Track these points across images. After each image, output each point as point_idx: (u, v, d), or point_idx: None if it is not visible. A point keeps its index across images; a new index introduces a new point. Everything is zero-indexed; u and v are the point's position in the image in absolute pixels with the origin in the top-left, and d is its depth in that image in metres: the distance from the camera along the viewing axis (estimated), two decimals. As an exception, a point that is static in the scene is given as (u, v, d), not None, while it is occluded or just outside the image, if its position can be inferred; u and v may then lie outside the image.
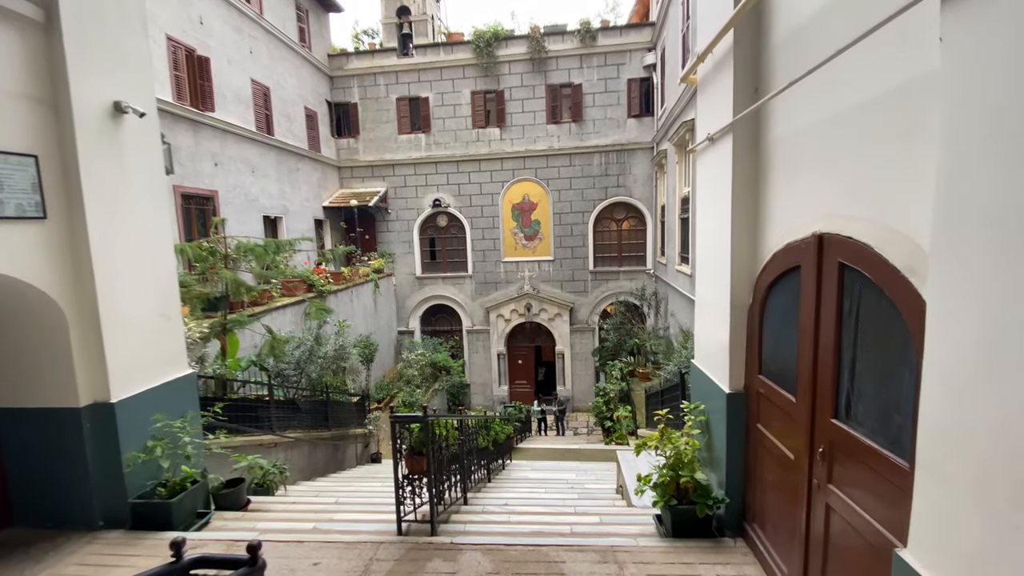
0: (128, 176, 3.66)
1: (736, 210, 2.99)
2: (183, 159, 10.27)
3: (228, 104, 11.77)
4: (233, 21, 12.07)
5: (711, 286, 3.42)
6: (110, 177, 3.49)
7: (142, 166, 3.79)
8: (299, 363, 6.96)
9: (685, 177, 11.45)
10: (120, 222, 3.55)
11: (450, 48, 16.55)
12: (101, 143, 3.43)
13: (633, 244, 16.54)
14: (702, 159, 3.58)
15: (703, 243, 3.59)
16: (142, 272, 3.75)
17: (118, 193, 3.57)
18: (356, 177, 17.34)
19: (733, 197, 2.98)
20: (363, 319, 13.26)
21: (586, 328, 16.74)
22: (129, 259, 3.62)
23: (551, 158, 16.36)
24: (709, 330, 3.50)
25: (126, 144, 3.67)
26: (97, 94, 3.42)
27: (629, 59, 15.77)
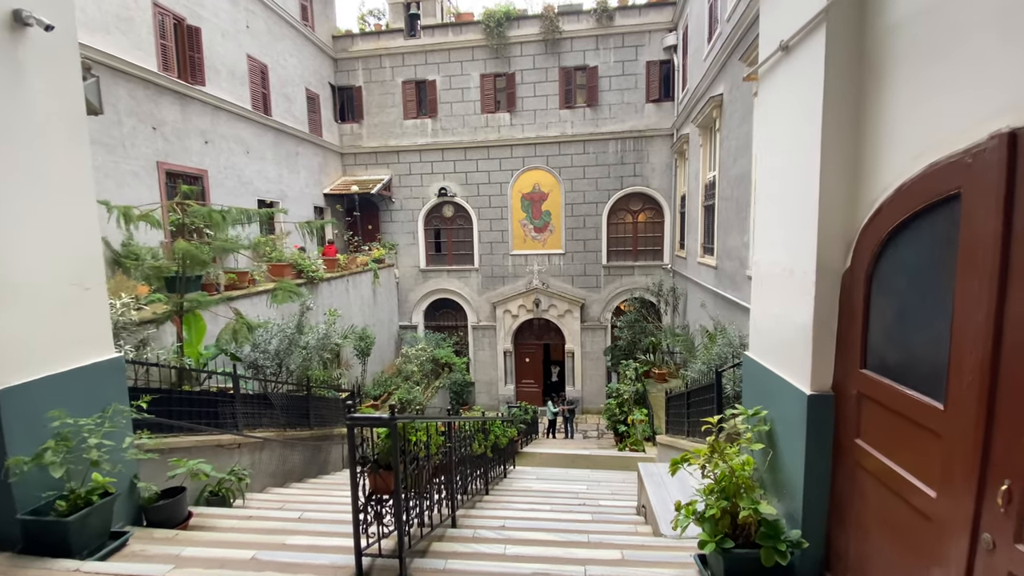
0: (27, 104, 2.87)
1: (828, 137, 2.10)
2: (168, 134, 9.59)
3: (221, 80, 11.07)
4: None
5: (780, 248, 2.53)
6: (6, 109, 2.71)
7: (50, 94, 3.00)
8: (277, 353, 6.17)
9: (711, 160, 10.51)
10: (9, 161, 2.76)
11: (459, 29, 15.74)
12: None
13: (650, 237, 15.59)
14: (768, 83, 2.69)
15: (767, 192, 2.70)
16: (45, 228, 2.96)
17: (9, 124, 2.77)
18: (359, 164, 16.61)
19: (824, 119, 2.10)
20: (360, 310, 12.48)
21: (598, 326, 15.82)
22: (23, 209, 2.83)
23: (564, 145, 15.47)
24: (776, 309, 2.61)
25: (27, 64, 2.88)
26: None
27: (648, 40, 14.84)
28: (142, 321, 4.63)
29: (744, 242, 7.67)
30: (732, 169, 8.47)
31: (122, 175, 8.49)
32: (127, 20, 8.69)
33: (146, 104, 9.08)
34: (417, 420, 2.81)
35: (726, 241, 8.88)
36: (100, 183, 7.96)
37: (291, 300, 5.53)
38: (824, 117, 2.10)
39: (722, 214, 9.18)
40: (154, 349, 4.74)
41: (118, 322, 4.06)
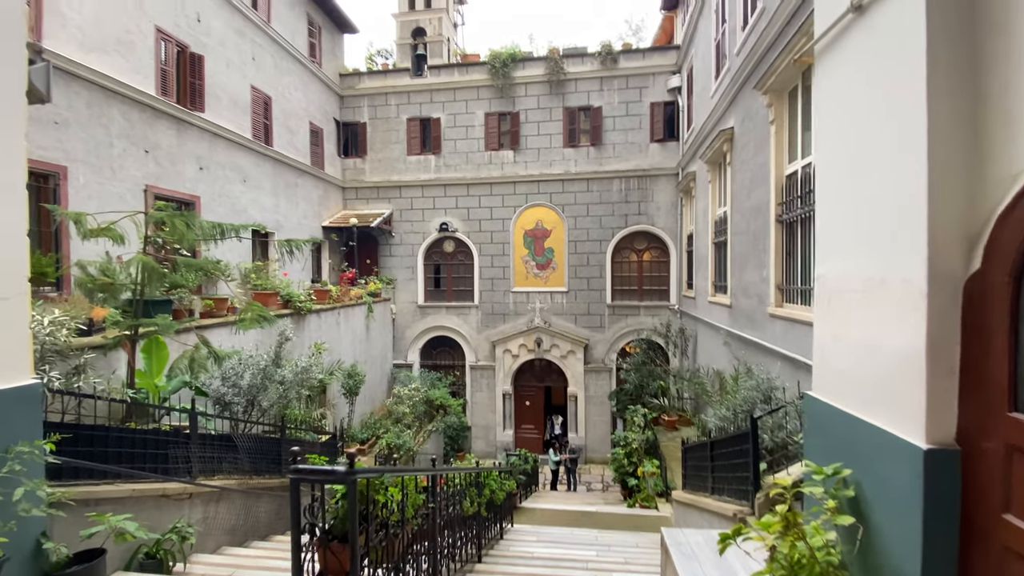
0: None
1: (937, 103, 1.59)
2: (161, 158, 9.28)
3: (222, 107, 10.92)
4: (236, 24, 11.41)
5: (861, 254, 1.97)
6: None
7: (-27, 68, 2.54)
8: (250, 388, 5.50)
9: (721, 196, 10.15)
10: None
11: (465, 69, 15.90)
12: None
13: (655, 277, 15.10)
14: (831, 58, 2.21)
15: (837, 188, 2.17)
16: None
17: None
18: (361, 198, 16.39)
19: (930, 80, 1.59)
20: (351, 345, 11.81)
21: (602, 368, 15.06)
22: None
23: (567, 183, 15.26)
24: (856, 333, 2.02)
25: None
26: None
27: (652, 82, 14.91)
28: (84, 346, 4.02)
29: (763, 277, 7.14)
30: (747, 202, 8.06)
31: (106, 197, 8.08)
32: (127, 44, 8.55)
33: (140, 127, 8.82)
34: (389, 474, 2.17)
35: (741, 277, 8.35)
36: (82, 204, 7.54)
37: (259, 326, 4.94)
38: (929, 78, 1.59)
39: (736, 249, 8.70)
40: (103, 378, 4.10)
41: (46, 344, 3.47)
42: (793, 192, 6.30)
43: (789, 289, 6.50)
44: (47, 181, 7.13)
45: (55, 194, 7.24)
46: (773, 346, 6.65)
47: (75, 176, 7.54)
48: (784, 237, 6.57)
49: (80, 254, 6.59)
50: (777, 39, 6.55)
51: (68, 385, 3.60)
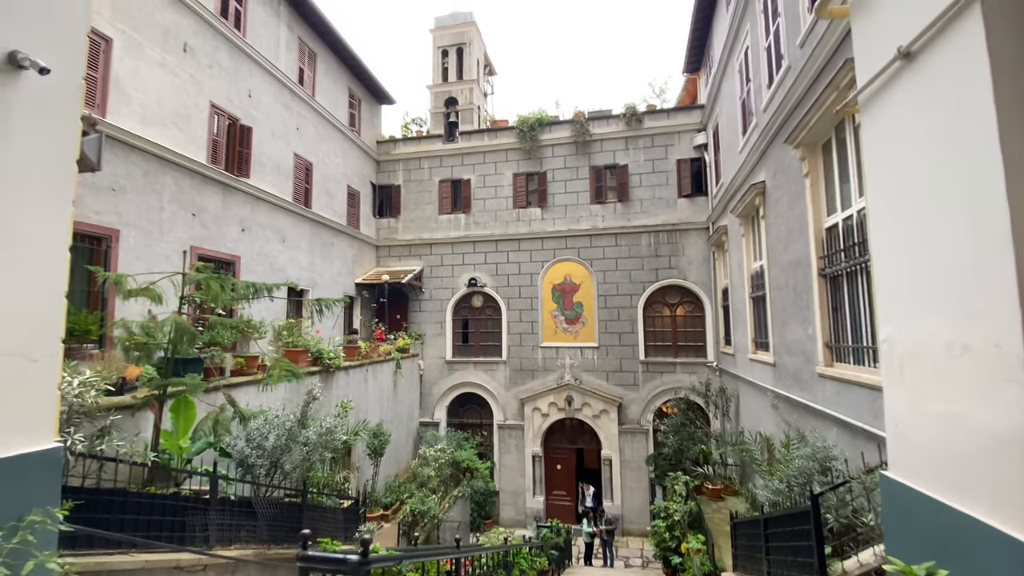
0: (7, 155, 2.55)
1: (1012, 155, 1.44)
2: (207, 220, 9.79)
3: (266, 173, 11.60)
4: (283, 99, 12.34)
5: (934, 315, 1.75)
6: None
7: (32, 141, 2.70)
8: (274, 450, 5.37)
9: (755, 249, 9.88)
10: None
11: (494, 134, 16.61)
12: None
13: (690, 332, 14.59)
14: (879, 107, 2.09)
15: (900, 243, 1.98)
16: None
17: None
18: (393, 256, 16.82)
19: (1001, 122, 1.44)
20: (377, 403, 11.65)
21: (638, 429, 14.31)
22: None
23: (595, 237, 15.30)
24: (938, 406, 1.75)
25: (15, 110, 2.62)
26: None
27: (678, 140, 15.14)
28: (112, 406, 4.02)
29: (809, 334, 6.72)
30: (784, 255, 7.78)
31: (153, 258, 8.49)
32: (185, 118, 9.29)
33: (190, 192, 9.39)
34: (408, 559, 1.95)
35: (784, 334, 7.92)
36: (130, 265, 7.92)
37: (287, 381, 4.88)
38: (1000, 120, 1.45)
39: (776, 304, 8.32)
40: (126, 440, 4.07)
41: (74, 405, 3.48)
42: (835, 245, 6.03)
43: (839, 347, 6.08)
44: (100, 243, 7.56)
45: (106, 255, 7.65)
46: (825, 409, 6.14)
47: (126, 238, 7.98)
48: (829, 292, 6.23)
49: (125, 313, 6.85)
50: (806, 94, 6.54)
51: (92, 447, 3.56)
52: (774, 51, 7.97)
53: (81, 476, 3.26)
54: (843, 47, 5.40)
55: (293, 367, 4.75)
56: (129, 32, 8.10)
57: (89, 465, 3.33)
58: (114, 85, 7.82)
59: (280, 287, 5.08)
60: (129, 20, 8.11)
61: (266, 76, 11.63)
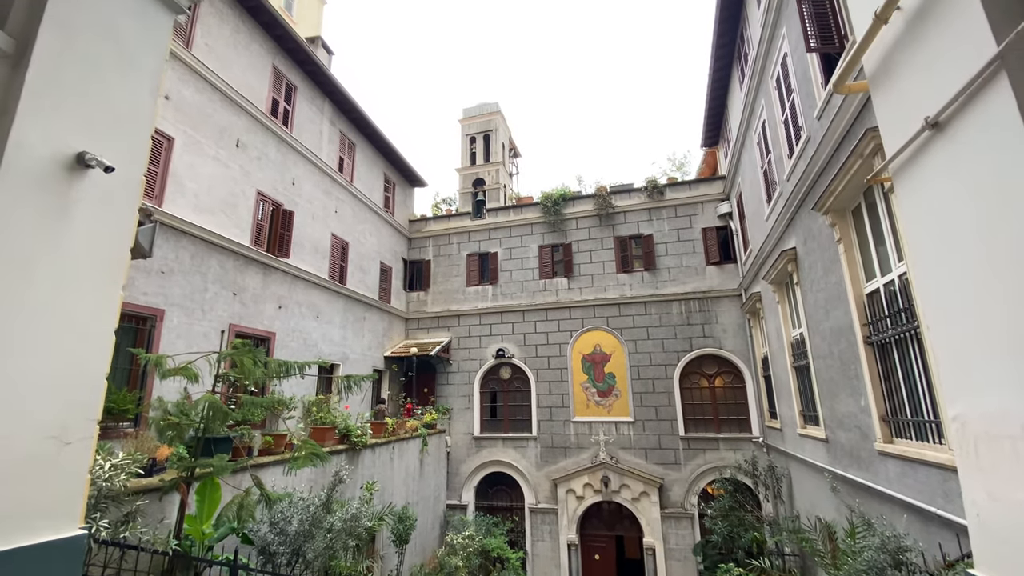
0: (66, 242, 2.76)
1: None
2: (246, 299, 10.20)
3: (304, 253, 12.18)
4: (324, 186, 13.23)
5: (1005, 392, 1.58)
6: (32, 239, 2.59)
7: (92, 233, 2.92)
8: (296, 536, 5.14)
9: (793, 316, 9.54)
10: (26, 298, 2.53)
11: (520, 210, 17.21)
12: (34, 195, 2.62)
13: (731, 405, 13.83)
14: (912, 177, 2.06)
15: (955, 315, 1.85)
16: (39, 366, 2.59)
17: (39, 261, 2.62)
18: (422, 328, 16.99)
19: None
20: (403, 483, 11.20)
21: (682, 514, 13.22)
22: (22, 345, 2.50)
23: (624, 306, 15.14)
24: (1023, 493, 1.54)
25: (79, 203, 2.86)
26: (50, 139, 2.72)
27: (702, 209, 15.32)
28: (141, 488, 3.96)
29: (861, 407, 6.26)
30: (825, 322, 7.46)
31: (193, 336, 8.80)
32: (232, 205, 10.00)
33: (232, 273, 9.88)
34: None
35: (834, 407, 7.40)
36: (171, 344, 8.23)
37: (312, 465, 4.75)
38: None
39: (822, 374, 7.86)
40: (149, 527, 3.96)
41: (103, 489, 3.44)
42: (879, 312, 5.76)
43: (897, 421, 5.60)
44: (145, 323, 7.91)
45: (150, 334, 7.98)
46: (890, 491, 5.54)
47: (170, 318, 8.34)
48: (879, 361, 5.87)
49: (162, 391, 7.00)
50: (829, 163, 6.59)
51: (115, 534, 3.47)
52: (791, 123, 8.18)
53: (102, 565, 3.16)
54: (863, 116, 5.49)
55: (318, 450, 4.65)
56: (189, 132, 9.00)
57: (111, 553, 3.23)
58: (172, 178, 8.57)
59: (311, 365, 5.12)
60: (190, 122, 9.04)
61: (309, 166, 12.58)
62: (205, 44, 9.56)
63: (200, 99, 9.34)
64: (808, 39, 6.07)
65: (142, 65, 3.31)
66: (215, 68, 9.70)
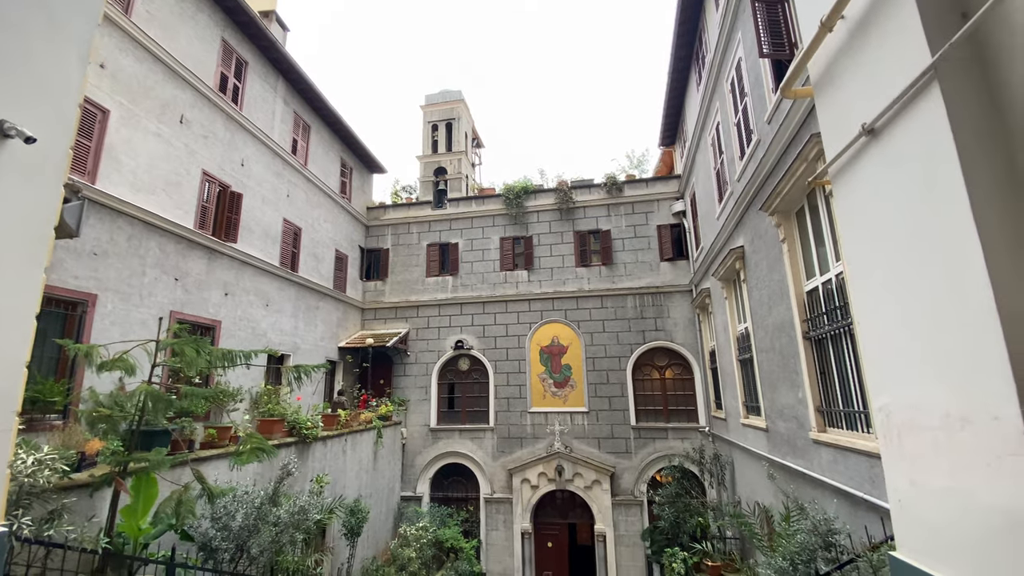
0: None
1: (984, 214, 1.48)
2: (189, 285, 9.66)
3: (254, 238, 11.65)
4: (276, 168, 12.67)
5: (929, 385, 1.72)
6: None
7: (14, 209, 2.67)
8: (240, 531, 4.95)
9: (739, 312, 9.99)
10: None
11: (481, 201, 17.11)
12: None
13: (681, 396, 14.38)
14: (849, 180, 2.18)
15: (884, 313, 1.99)
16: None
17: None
18: (379, 319, 16.65)
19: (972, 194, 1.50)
20: (356, 476, 11.01)
21: (632, 501, 13.67)
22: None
23: (581, 299, 15.40)
24: (941, 482, 1.68)
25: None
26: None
27: (657, 207, 15.73)
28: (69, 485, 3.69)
29: (799, 398, 6.64)
30: (768, 318, 7.86)
31: (130, 324, 8.26)
32: (175, 185, 9.41)
33: (174, 257, 9.33)
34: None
35: (775, 398, 7.82)
36: (105, 331, 7.70)
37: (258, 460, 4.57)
38: (972, 193, 1.50)
39: (764, 367, 8.29)
40: (76, 525, 3.69)
41: (24, 485, 3.17)
42: (817, 308, 6.11)
43: (831, 412, 5.99)
44: (75, 309, 7.35)
45: (80, 321, 7.42)
46: (823, 477, 5.93)
47: (103, 303, 7.79)
48: (815, 355, 6.24)
49: (94, 381, 6.53)
50: (777, 166, 6.90)
51: (39, 532, 3.22)
52: (744, 126, 8.50)
53: (26, 564, 2.92)
54: (809, 122, 5.77)
55: (265, 444, 4.47)
56: (127, 104, 8.38)
57: (35, 552, 2.99)
58: (107, 153, 7.96)
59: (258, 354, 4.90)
60: (128, 93, 8.42)
61: (260, 146, 12.00)
62: (147, 11, 8.91)
63: (140, 70, 8.72)
64: (761, 45, 6.31)
65: (70, 29, 3.04)
66: (157, 38, 9.06)
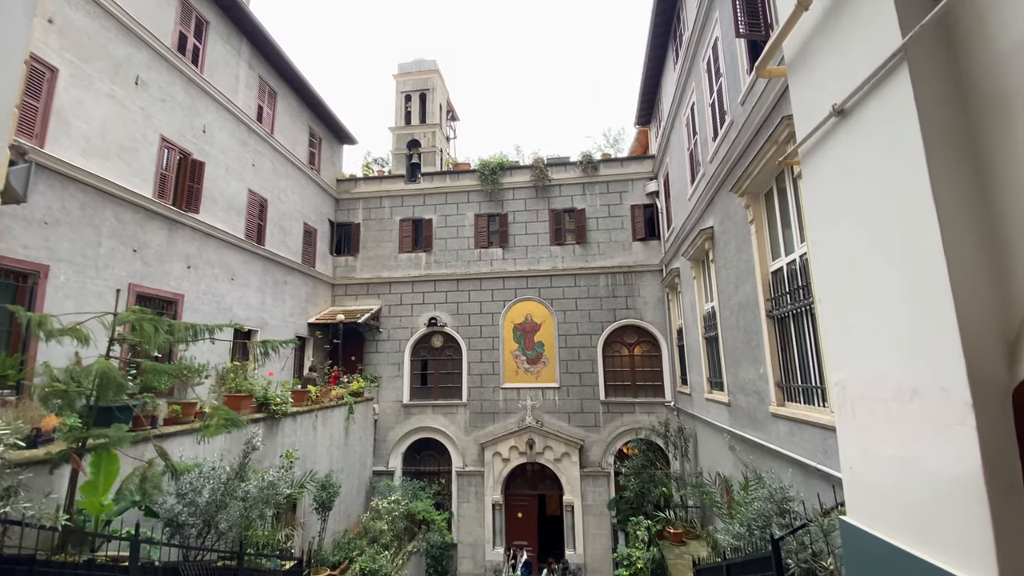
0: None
1: (945, 197, 1.54)
2: (149, 257, 9.25)
3: (217, 209, 11.19)
4: (240, 135, 12.11)
5: (883, 360, 1.81)
6: None
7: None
8: (207, 506, 4.88)
9: (707, 291, 10.26)
10: None
11: (456, 176, 16.85)
12: None
13: (648, 372, 14.79)
14: (818, 160, 2.24)
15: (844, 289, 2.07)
16: None
17: None
18: (350, 295, 16.38)
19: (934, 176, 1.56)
20: (327, 452, 10.97)
21: (599, 472, 14.12)
22: None
23: (555, 278, 15.51)
24: (891, 450, 1.79)
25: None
26: None
27: (631, 187, 15.83)
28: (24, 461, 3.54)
29: (760, 374, 6.93)
30: (734, 297, 8.10)
31: (85, 296, 7.88)
32: (131, 151, 8.91)
33: (132, 227, 8.89)
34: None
35: (737, 374, 8.13)
36: (59, 304, 7.32)
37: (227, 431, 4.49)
38: (933, 174, 1.55)
39: (728, 344, 8.58)
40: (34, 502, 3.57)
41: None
42: (781, 288, 6.33)
43: (790, 387, 6.27)
44: (25, 280, 6.97)
45: (32, 293, 7.04)
46: (780, 449, 6.25)
47: (56, 275, 7.40)
48: (777, 333, 6.49)
49: (50, 356, 6.23)
50: (748, 147, 7.01)
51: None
52: (718, 107, 8.58)
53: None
54: (780, 104, 5.86)
55: (233, 416, 4.39)
56: (77, 63, 7.82)
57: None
58: (56, 116, 7.44)
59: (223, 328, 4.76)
60: (78, 51, 7.84)
61: (223, 112, 11.43)
62: (94, -41, 8.24)
63: (92, 26, 8.11)
64: (738, 24, 6.33)
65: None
66: (107, -11, 8.42)
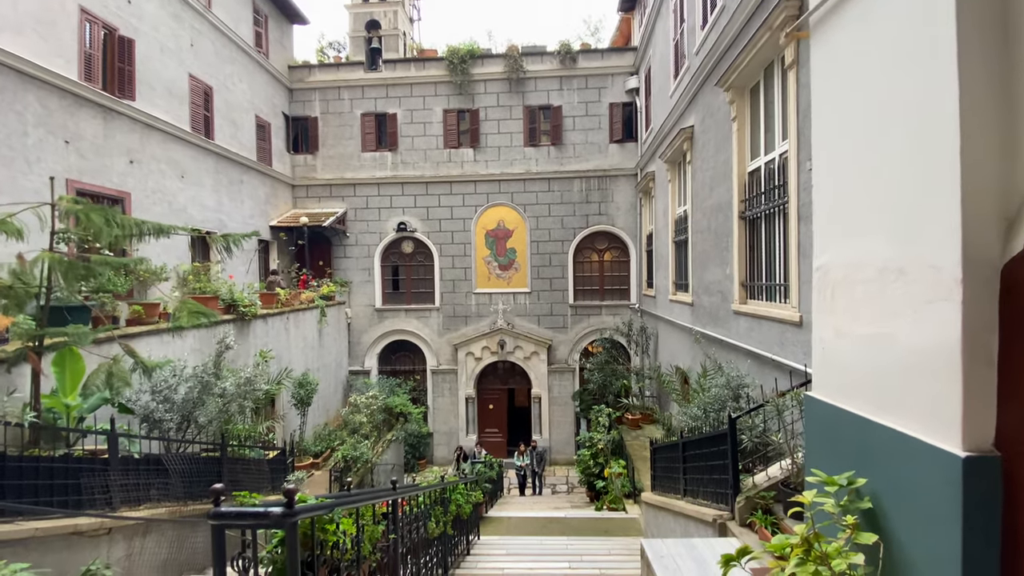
0: None
1: (971, 66, 1.42)
2: (84, 150, 8.39)
3: (156, 97, 10.03)
4: (172, 8, 10.54)
5: (873, 239, 1.80)
6: None
7: None
8: (184, 403, 4.91)
9: (681, 195, 10.22)
10: None
11: (422, 64, 15.45)
12: None
13: (616, 276, 15.16)
14: (832, 28, 2.03)
15: (844, 167, 2.00)
16: None
17: None
18: (312, 196, 15.59)
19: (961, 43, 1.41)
20: (302, 353, 11.10)
21: (566, 368, 14.95)
22: None
23: (529, 182, 15.09)
24: (868, 328, 1.84)
25: None
26: None
27: (611, 83, 14.98)
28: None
29: (726, 274, 7.15)
30: (708, 200, 8.09)
31: (20, 192, 7.14)
32: (48, 24, 7.66)
33: (60, 115, 7.92)
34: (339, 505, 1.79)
35: (703, 276, 8.38)
36: (-15, 199, 6.64)
37: (197, 324, 4.39)
38: (960, 40, 1.41)
39: (698, 247, 8.74)
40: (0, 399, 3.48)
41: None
42: (757, 188, 6.31)
43: (753, 286, 6.51)
44: (-60, 172, 6.22)
45: (-49, 187, 6.34)
46: (738, 343, 6.65)
47: (-21, 167, 6.63)
48: (748, 234, 6.59)
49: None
50: (739, 36, 6.56)
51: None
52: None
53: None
54: (779, -14, 5.38)
55: (203, 308, 4.25)
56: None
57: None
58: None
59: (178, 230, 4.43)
60: None
61: (147, -24, 9.80)
62: None
63: None
64: None
65: None
66: None
